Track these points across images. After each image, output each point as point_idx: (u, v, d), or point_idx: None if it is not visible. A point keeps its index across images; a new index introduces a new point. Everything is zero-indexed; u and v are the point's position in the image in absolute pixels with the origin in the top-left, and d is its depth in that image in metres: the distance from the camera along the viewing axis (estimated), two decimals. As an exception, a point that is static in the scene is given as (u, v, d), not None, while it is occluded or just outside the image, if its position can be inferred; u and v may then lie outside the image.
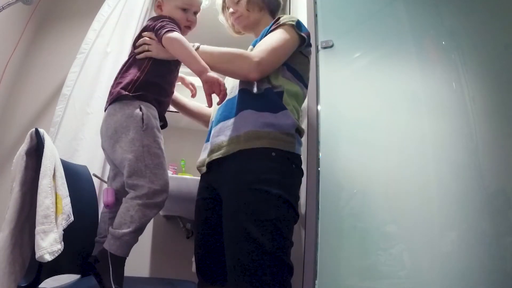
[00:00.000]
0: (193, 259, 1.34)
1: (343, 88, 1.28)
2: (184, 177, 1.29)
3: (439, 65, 1.17)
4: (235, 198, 0.79)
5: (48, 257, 0.71)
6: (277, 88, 0.89)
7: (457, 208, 0.98)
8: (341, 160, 1.11)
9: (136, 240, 0.87)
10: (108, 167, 1.48)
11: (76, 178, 1.05)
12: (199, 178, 1.30)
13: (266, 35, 0.93)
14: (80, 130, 1.40)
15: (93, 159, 1.37)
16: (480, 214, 0.96)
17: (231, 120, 0.86)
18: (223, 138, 0.85)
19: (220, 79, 0.82)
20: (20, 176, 0.79)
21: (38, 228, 0.72)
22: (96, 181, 1.25)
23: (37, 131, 0.83)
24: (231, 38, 1.22)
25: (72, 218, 0.84)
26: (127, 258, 0.88)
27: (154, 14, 1.82)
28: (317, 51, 1.32)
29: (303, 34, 0.93)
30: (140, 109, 0.88)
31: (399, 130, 1.15)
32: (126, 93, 0.90)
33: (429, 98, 1.13)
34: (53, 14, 1.86)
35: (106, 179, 1.43)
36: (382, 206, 1.10)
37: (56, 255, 0.74)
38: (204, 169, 0.94)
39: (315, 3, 1.41)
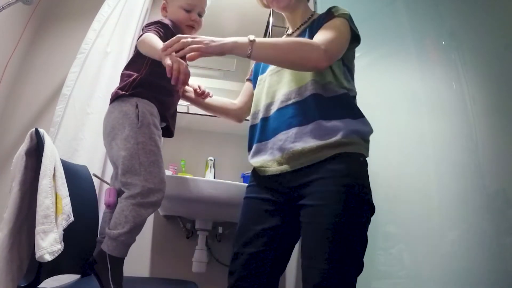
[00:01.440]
0: (193, 259, 1.34)
1: (343, 88, 1.28)
2: (184, 177, 1.29)
3: (439, 65, 1.17)
4: (330, 200, 0.76)
5: (48, 257, 0.71)
6: (351, 91, 0.88)
7: (457, 208, 0.98)
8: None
9: (133, 240, 0.86)
10: (108, 167, 1.48)
11: (76, 178, 1.05)
12: (200, 178, 1.29)
13: (320, 26, 0.88)
14: (80, 130, 1.40)
15: (93, 159, 1.37)
16: (480, 214, 0.96)
17: (310, 126, 0.81)
18: (303, 144, 0.81)
19: (178, 62, 0.73)
20: (19, 176, 0.79)
21: (38, 228, 0.72)
22: (96, 181, 1.25)
23: (37, 131, 0.82)
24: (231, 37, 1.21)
25: (72, 218, 0.84)
26: (127, 257, 0.88)
27: (154, 14, 1.83)
28: (317, 51, 1.32)
29: (356, 32, 0.90)
30: (136, 106, 0.88)
31: (399, 130, 1.15)
32: (123, 92, 0.90)
33: (429, 98, 1.13)
34: (53, 14, 1.86)
35: (106, 179, 1.43)
36: (382, 206, 1.10)
37: (56, 255, 0.74)
38: (272, 170, 0.87)
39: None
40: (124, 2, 1.63)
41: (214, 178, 1.49)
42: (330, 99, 0.83)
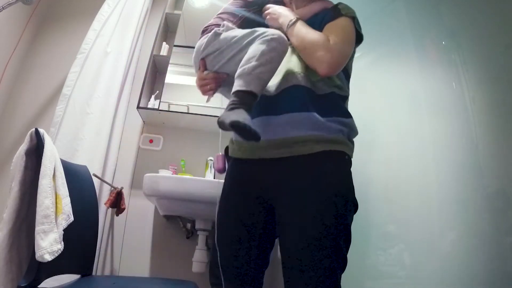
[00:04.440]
0: (193, 259, 1.34)
1: (343, 88, 1.28)
2: (184, 177, 1.29)
3: (439, 65, 1.17)
4: (318, 199, 0.74)
5: (48, 257, 0.71)
6: (341, 90, 0.85)
7: (457, 208, 0.98)
8: (341, 160, 1.11)
9: (267, 76, 0.78)
10: (108, 167, 1.48)
11: (76, 178, 1.05)
12: (200, 178, 1.29)
13: (326, 21, 0.86)
14: (80, 130, 1.40)
15: (93, 159, 1.37)
16: (480, 214, 0.96)
17: (303, 115, 0.79)
18: (296, 133, 0.78)
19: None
20: (19, 176, 0.79)
21: (38, 228, 0.72)
22: (96, 181, 1.25)
23: (37, 131, 0.83)
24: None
25: (72, 218, 0.84)
26: (127, 257, 0.88)
27: (154, 14, 1.83)
28: (317, 51, 1.32)
29: (360, 32, 0.89)
30: None
31: (399, 130, 1.15)
32: None
33: (429, 98, 1.13)
34: (53, 14, 1.86)
35: (106, 179, 1.43)
36: (382, 206, 1.10)
37: (56, 255, 0.74)
38: (258, 155, 0.81)
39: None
40: (124, 2, 1.63)
41: (214, 178, 1.49)
42: (319, 96, 0.82)
